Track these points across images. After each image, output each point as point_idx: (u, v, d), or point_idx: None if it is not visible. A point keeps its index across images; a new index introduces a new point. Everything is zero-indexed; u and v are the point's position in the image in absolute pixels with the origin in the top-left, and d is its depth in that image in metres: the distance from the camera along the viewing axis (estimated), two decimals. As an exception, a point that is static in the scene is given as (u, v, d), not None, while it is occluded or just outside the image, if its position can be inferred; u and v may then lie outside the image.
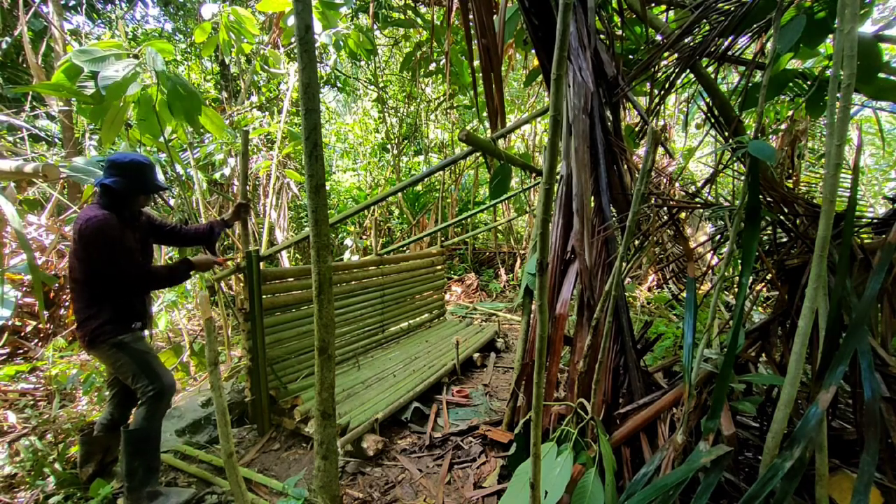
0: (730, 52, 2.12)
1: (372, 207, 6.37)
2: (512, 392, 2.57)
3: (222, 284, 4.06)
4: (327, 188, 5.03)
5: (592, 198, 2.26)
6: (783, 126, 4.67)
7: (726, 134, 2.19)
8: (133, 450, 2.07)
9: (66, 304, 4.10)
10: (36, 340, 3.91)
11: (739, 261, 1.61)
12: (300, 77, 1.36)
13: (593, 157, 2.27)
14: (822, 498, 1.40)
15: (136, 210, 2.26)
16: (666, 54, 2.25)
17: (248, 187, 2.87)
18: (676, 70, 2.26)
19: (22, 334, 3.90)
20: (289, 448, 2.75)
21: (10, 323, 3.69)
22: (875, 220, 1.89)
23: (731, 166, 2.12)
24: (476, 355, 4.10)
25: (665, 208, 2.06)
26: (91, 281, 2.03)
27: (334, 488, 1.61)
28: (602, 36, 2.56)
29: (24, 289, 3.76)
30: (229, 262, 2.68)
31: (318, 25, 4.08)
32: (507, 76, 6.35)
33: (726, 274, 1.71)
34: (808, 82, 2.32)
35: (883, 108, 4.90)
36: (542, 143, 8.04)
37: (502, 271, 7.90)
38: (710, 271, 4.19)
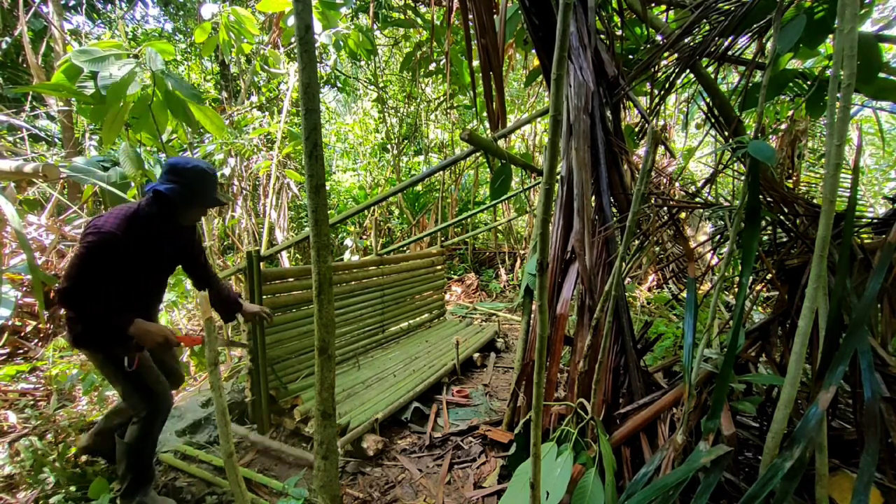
0: (730, 52, 2.12)
1: (372, 207, 6.37)
2: (512, 392, 2.57)
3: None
4: (327, 188, 5.03)
5: (593, 197, 2.26)
6: (783, 126, 4.67)
7: (726, 134, 2.19)
8: (126, 461, 2.03)
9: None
10: (36, 340, 3.90)
11: (739, 261, 1.61)
12: (300, 77, 1.36)
13: (594, 156, 2.27)
14: (822, 498, 1.40)
15: (186, 226, 2.03)
16: (666, 54, 2.26)
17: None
18: (676, 70, 2.26)
19: (22, 334, 3.89)
20: (289, 448, 2.74)
21: (10, 323, 3.69)
22: (875, 220, 1.89)
23: (731, 166, 2.12)
24: (476, 355, 4.10)
25: (665, 208, 2.06)
26: (74, 284, 1.81)
27: (334, 488, 1.61)
28: (602, 36, 2.56)
29: (24, 289, 3.76)
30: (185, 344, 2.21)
31: (318, 25, 4.08)
32: (507, 76, 6.34)
33: (726, 274, 1.71)
34: (808, 82, 2.32)
35: (883, 108, 4.90)
36: (542, 143, 8.04)
37: (502, 271, 7.90)
38: (710, 271, 4.20)
